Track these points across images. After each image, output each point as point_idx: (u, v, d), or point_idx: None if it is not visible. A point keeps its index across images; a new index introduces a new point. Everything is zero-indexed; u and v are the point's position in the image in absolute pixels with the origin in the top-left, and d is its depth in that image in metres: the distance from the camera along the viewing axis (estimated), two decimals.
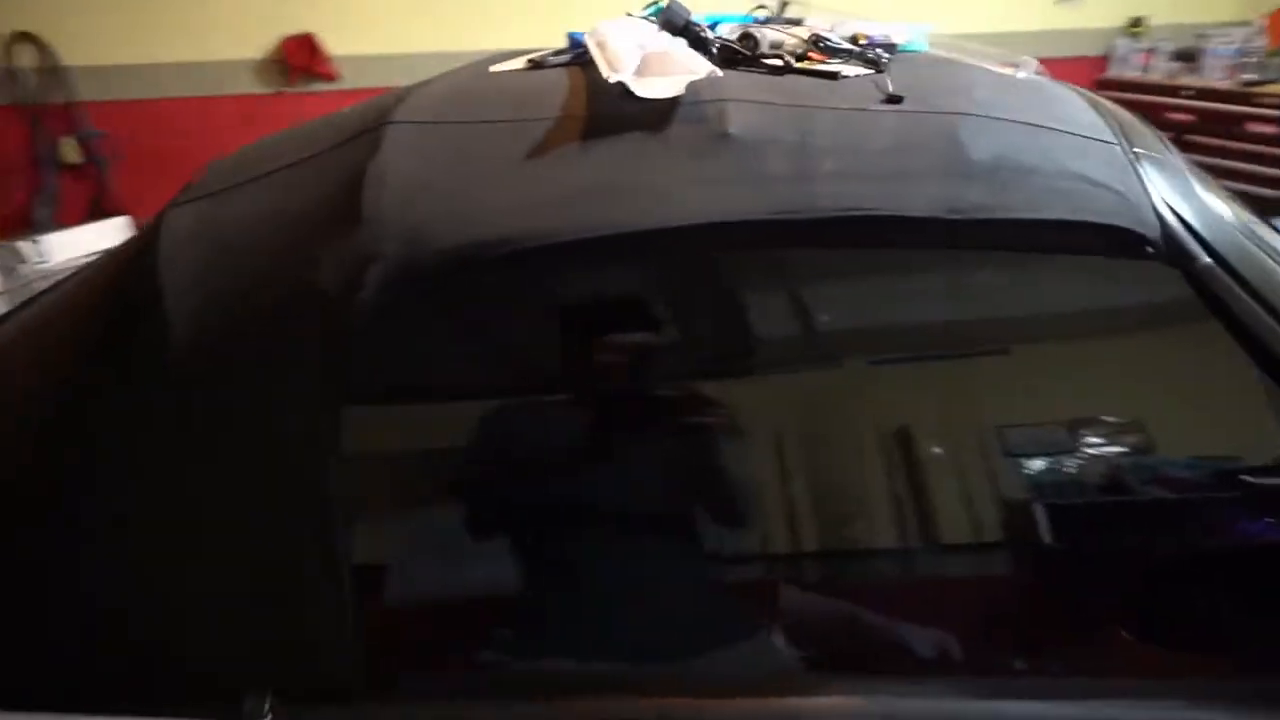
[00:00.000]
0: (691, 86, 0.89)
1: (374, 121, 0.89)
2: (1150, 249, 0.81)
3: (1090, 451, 0.93)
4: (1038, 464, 0.93)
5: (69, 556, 0.81)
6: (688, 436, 0.93)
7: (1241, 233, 0.86)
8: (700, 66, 0.89)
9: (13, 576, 0.81)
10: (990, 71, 1.13)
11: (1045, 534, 0.91)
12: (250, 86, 3.53)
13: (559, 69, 1.02)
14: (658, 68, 0.88)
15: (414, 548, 0.94)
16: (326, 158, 0.89)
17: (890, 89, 0.92)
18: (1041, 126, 0.89)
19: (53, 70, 3.46)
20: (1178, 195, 0.85)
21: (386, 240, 0.79)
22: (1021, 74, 1.12)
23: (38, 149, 3.53)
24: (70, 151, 3.53)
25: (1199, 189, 0.88)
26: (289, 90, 3.57)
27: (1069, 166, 0.84)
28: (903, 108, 0.90)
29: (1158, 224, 0.81)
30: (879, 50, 1.05)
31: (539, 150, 0.84)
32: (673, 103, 0.86)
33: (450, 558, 0.91)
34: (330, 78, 3.57)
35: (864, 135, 0.85)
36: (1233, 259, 0.81)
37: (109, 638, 0.81)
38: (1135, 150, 0.89)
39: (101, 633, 0.81)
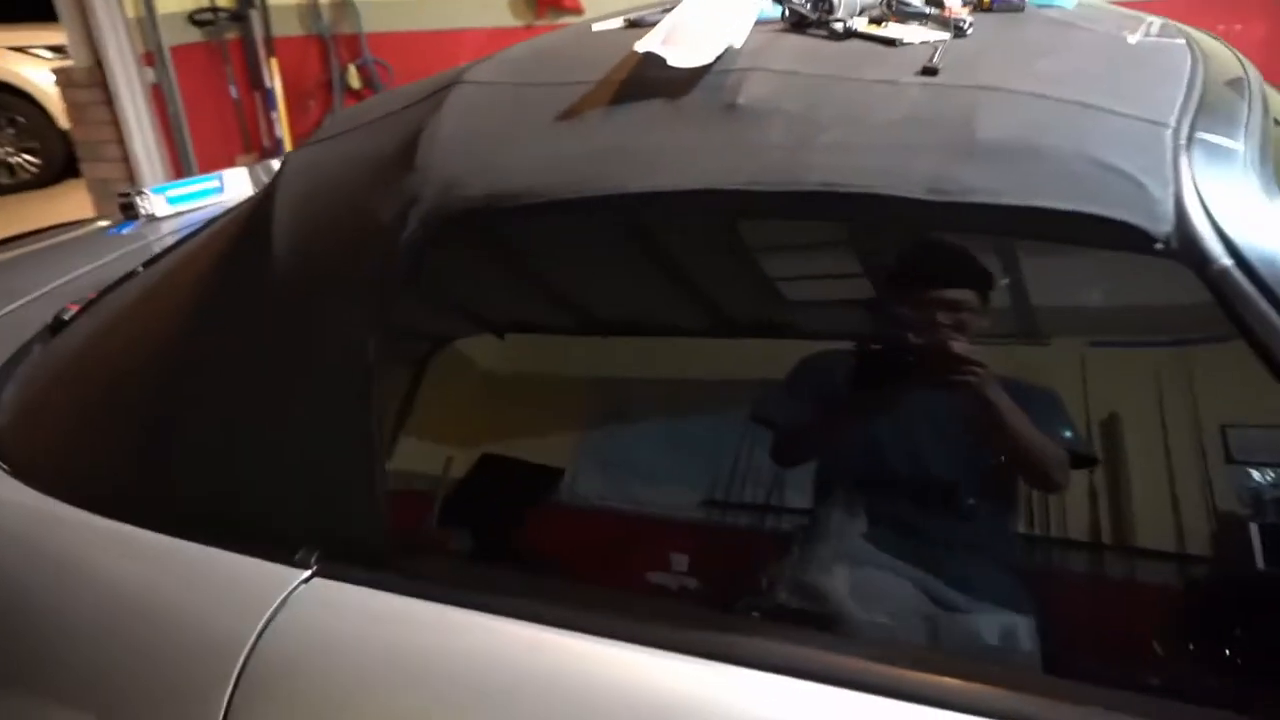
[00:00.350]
0: (728, 54, 0.93)
1: (450, 79, 1.02)
2: (1160, 245, 0.75)
3: None
4: None
5: (200, 419, 1.05)
6: None
7: None
8: (735, 35, 0.92)
9: (156, 426, 1.06)
10: (1098, 37, 1.06)
11: None
12: (502, 20, 3.81)
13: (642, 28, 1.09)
14: (692, 34, 0.93)
15: None
16: (411, 111, 1.04)
17: (936, 59, 0.91)
18: (1081, 104, 0.84)
19: (344, 3, 3.95)
20: (1224, 189, 0.78)
21: (427, 186, 0.92)
22: (1134, 39, 1.04)
23: (330, 75, 4.08)
24: (354, 78, 4.03)
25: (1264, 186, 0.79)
26: (537, 23, 3.81)
27: (1087, 150, 0.79)
28: (938, 80, 0.88)
29: (1173, 218, 0.75)
30: (964, 16, 1.02)
31: (570, 113, 0.93)
32: (702, 71, 0.91)
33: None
34: (577, 10, 3.77)
35: (875, 109, 0.86)
36: (1264, 264, 0.74)
37: (217, 486, 1.04)
38: (1198, 135, 0.82)
39: (212, 481, 1.04)
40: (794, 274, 0.91)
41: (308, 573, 0.96)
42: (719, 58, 0.92)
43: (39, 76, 5.52)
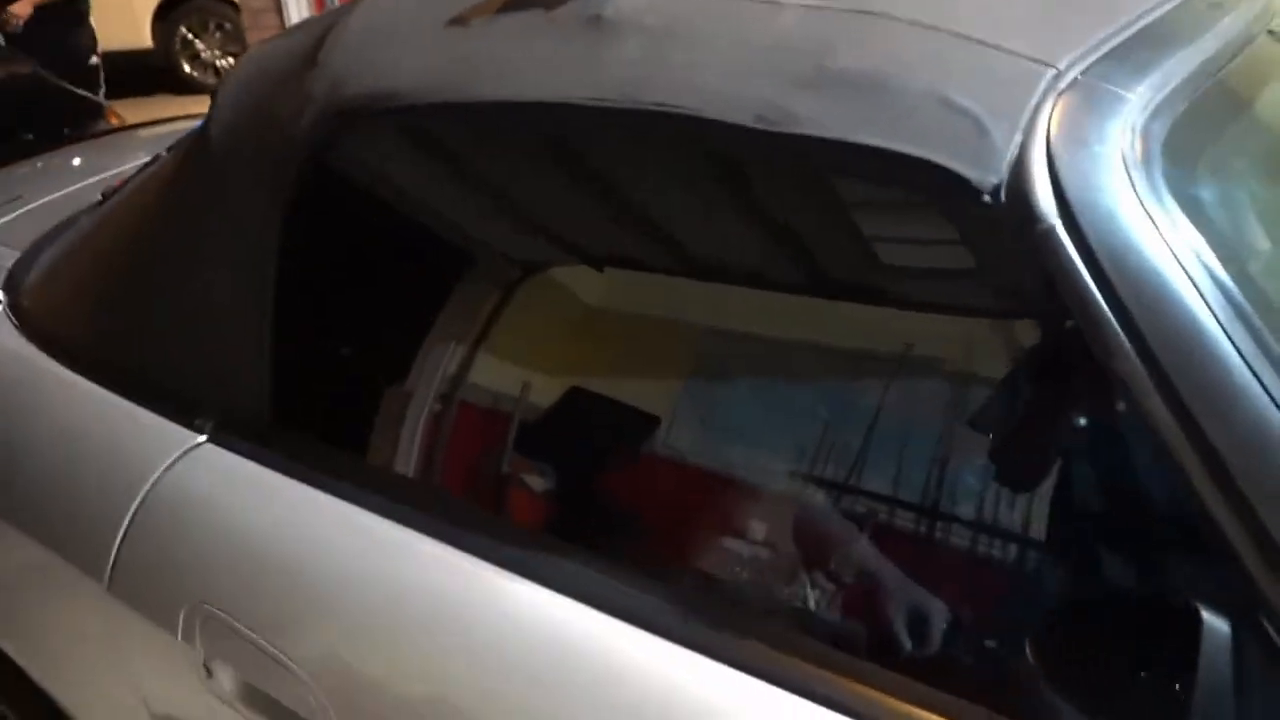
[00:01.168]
0: None
1: None
2: (986, 197, 0.67)
3: None
4: None
5: (139, 290, 1.15)
6: None
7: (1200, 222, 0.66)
8: None
9: (111, 295, 1.18)
10: None
11: None
12: None
13: None
14: None
15: None
16: (339, 12, 1.07)
17: None
18: (965, 38, 0.75)
19: None
20: (1093, 141, 0.68)
21: (321, 82, 0.96)
22: None
23: None
24: None
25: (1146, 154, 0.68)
26: None
27: (939, 87, 0.71)
28: (823, 3, 0.82)
29: (1007, 169, 0.67)
30: None
31: (459, 18, 0.93)
32: None
33: None
34: None
35: (740, 31, 0.80)
36: (1102, 232, 0.64)
37: (149, 351, 1.14)
38: (1084, 80, 0.72)
39: (145, 347, 1.14)
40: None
41: (202, 438, 1.05)
42: None
43: None
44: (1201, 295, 0.63)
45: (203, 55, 6.30)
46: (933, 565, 0.75)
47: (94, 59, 3.82)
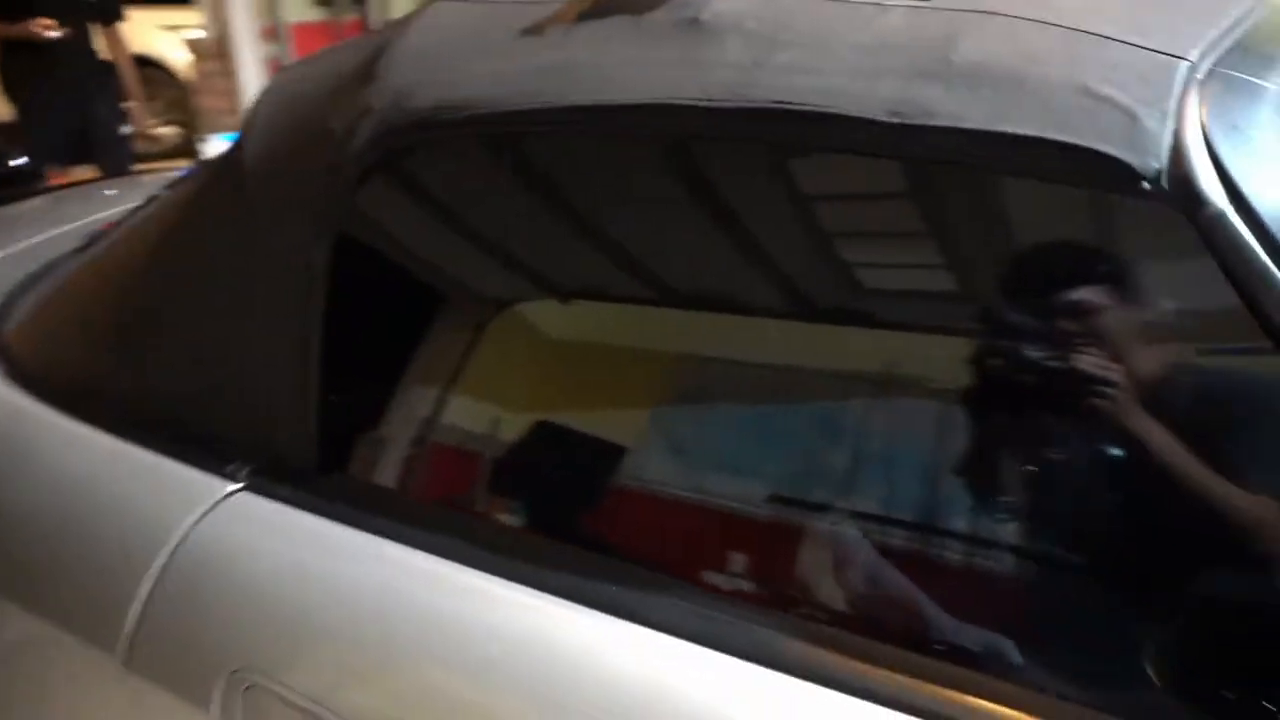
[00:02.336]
0: None
1: None
2: (1146, 184, 0.64)
3: None
4: None
5: (158, 330, 1.05)
6: None
7: None
8: None
9: (120, 336, 1.07)
10: None
11: None
12: None
13: None
14: None
15: None
16: (393, 27, 1.01)
17: None
18: (1088, 33, 0.74)
19: None
20: (1241, 129, 0.67)
21: (380, 96, 0.89)
22: None
23: None
24: None
25: None
26: None
27: (1078, 78, 0.69)
28: (929, 3, 0.79)
29: (1166, 156, 0.64)
30: None
31: (532, 28, 0.88)
32: None
33: None
34: None
35: (847, 31, 0.77)
36: (1271, 213, 0.62)
37: (168, 395, 1.03)
38: (1219, 70, 0.70)
39: (164, 390, 1.04)
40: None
41: (236, 486, 0.95)
42: None
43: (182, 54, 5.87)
44: None
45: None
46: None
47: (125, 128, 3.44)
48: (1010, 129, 0.67)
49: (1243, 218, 0.63)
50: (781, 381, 0.80)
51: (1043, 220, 0.73)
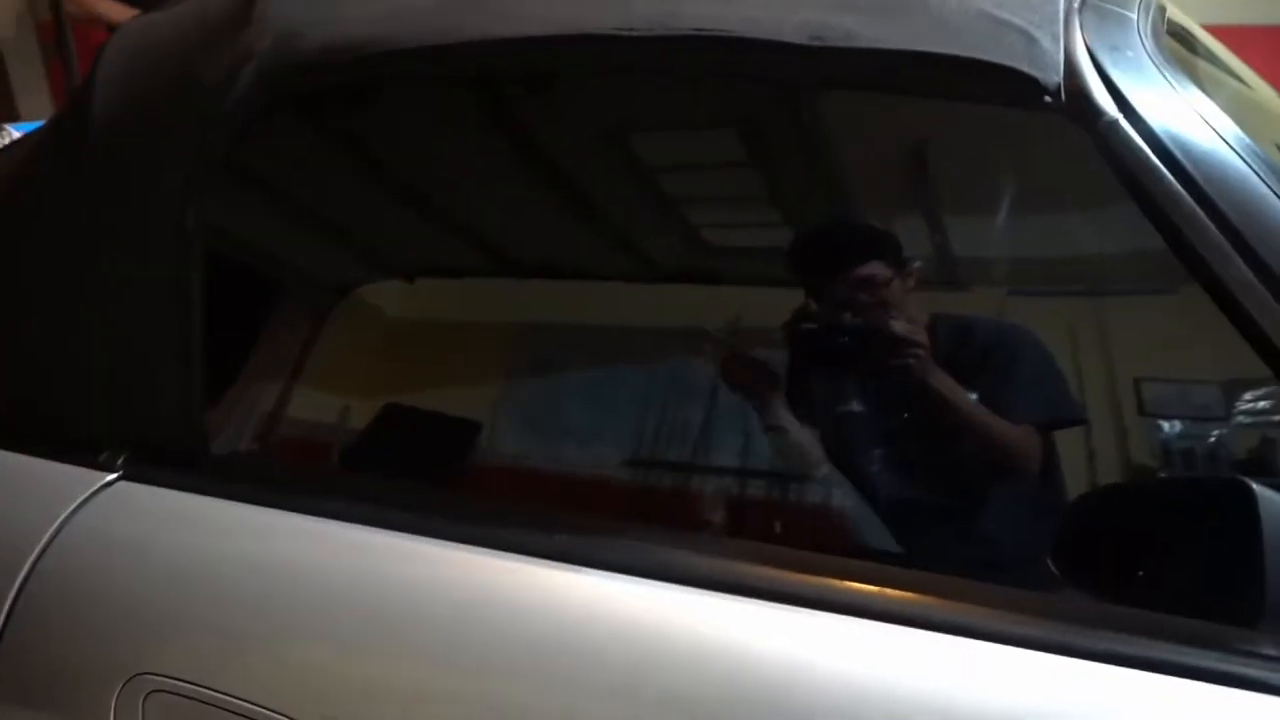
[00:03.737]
0: None
1: None
2: (1048, 98, 0.70)
3: None
4: None
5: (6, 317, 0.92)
6: None
7: (1207, 113, 0.72)
8: None
9: None
10: None
11: None
12: None
13: None
14: None
15: None
16: None
17: None
18: None
19: None
20: (1116, 50, 0.73)
21: (261, 40, 0.83)
22: None
23: None
24: None
25: (1161, 60, 0.75)
26: None
27: (975, 5, 0.74)
28: None
29: (1061, 71, 0.70)
30: None
31: None
32: None
33: None
34: None
35: None
36: (1161, 124, 0.69)
37: (23, 387, 0.91)
38: (1090, 2, 0.77)
39: (19, 382, 0.92)
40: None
41: (112, 475, 0.85)
42: None
43: None
44: (1250, 166, 0.68)
45: None
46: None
47: None
48: (928, 48, 0.71)
49: (1133, 125, 0.69)
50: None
51: (941, 140, 0.77)
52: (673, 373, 0.81)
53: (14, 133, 1.80)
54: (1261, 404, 0.72)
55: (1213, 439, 0.76)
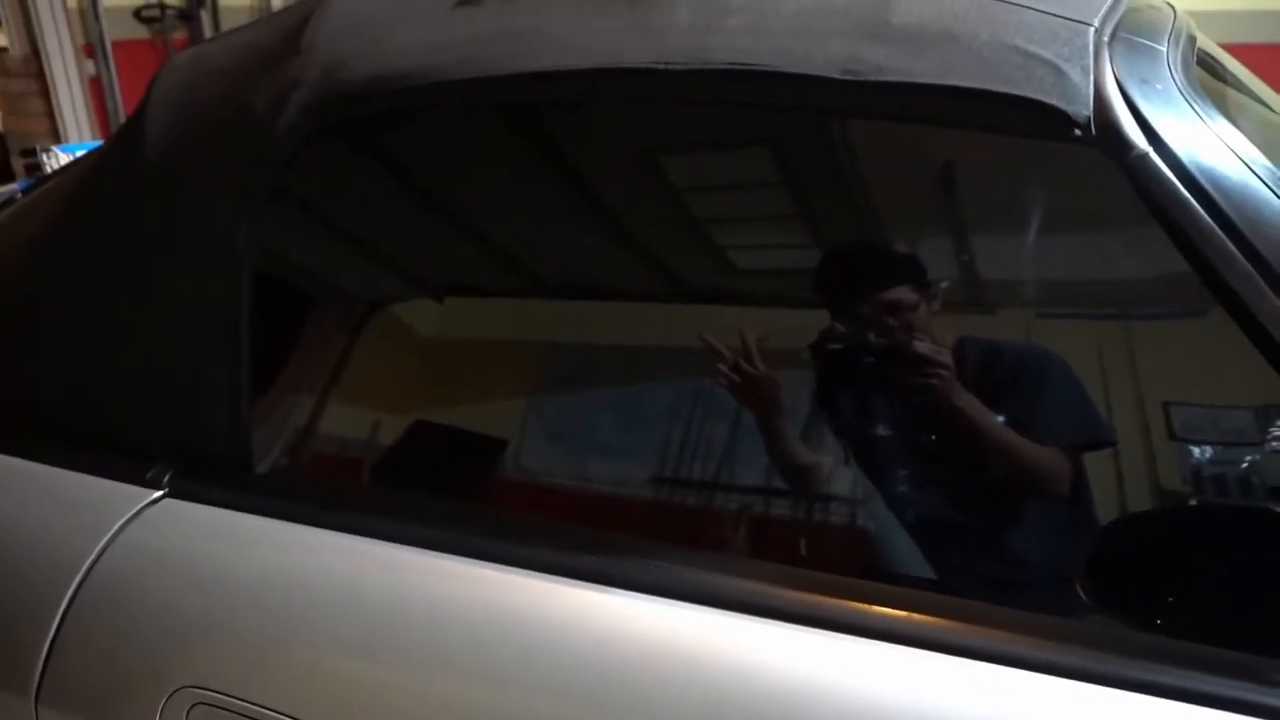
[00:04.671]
0: None
1: None
2: (1078, 130, 0.71)
3: None
4: None
5: (59, 334, 0.96)
6: None
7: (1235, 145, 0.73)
8: None
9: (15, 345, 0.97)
10: None
11: None
12: None
13: None
14: None
15: None
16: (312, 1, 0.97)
17: None
18: (1002, 1, 0.80)
19: None
20: (1145, 83, 0.74)
21: (309, 69, 0.85)
22: None
23: None
24: None
25: (1190, 92, 0.76)
26: None
27: (1006, 38, 0.75)
28: None
29: (1090, 104, 0.71)
30: None
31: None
32: None
33: None
34: None
35: None
36: (1190, 156, 0.70)
37: (73, 405, 0.94)
38: (1120, 34, 0.78)
39: (69, 399, 0.95)
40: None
41: (159, 492, 0.87)
42: None
43: None
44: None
45: None
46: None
47: None
48: (958, 82, 0.72)
49: (1162, 158, 0.70)
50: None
51: (968, 173, 0.79)
52: (707, 393, 0.82)
53: (60, 154, 1.85)
54: None
55: (1244, 465, 0.76)
